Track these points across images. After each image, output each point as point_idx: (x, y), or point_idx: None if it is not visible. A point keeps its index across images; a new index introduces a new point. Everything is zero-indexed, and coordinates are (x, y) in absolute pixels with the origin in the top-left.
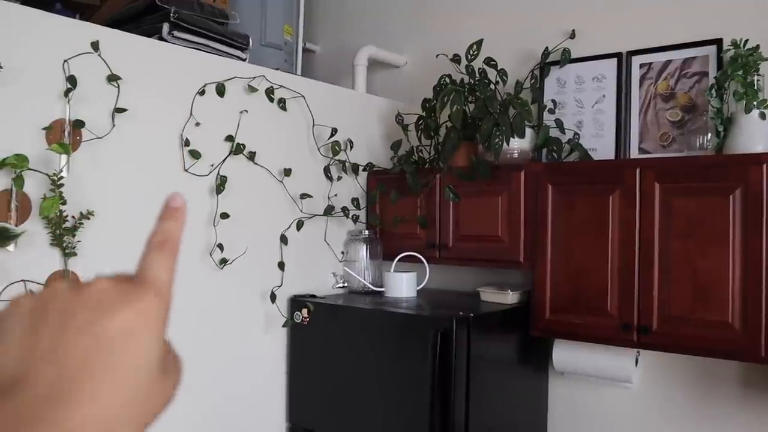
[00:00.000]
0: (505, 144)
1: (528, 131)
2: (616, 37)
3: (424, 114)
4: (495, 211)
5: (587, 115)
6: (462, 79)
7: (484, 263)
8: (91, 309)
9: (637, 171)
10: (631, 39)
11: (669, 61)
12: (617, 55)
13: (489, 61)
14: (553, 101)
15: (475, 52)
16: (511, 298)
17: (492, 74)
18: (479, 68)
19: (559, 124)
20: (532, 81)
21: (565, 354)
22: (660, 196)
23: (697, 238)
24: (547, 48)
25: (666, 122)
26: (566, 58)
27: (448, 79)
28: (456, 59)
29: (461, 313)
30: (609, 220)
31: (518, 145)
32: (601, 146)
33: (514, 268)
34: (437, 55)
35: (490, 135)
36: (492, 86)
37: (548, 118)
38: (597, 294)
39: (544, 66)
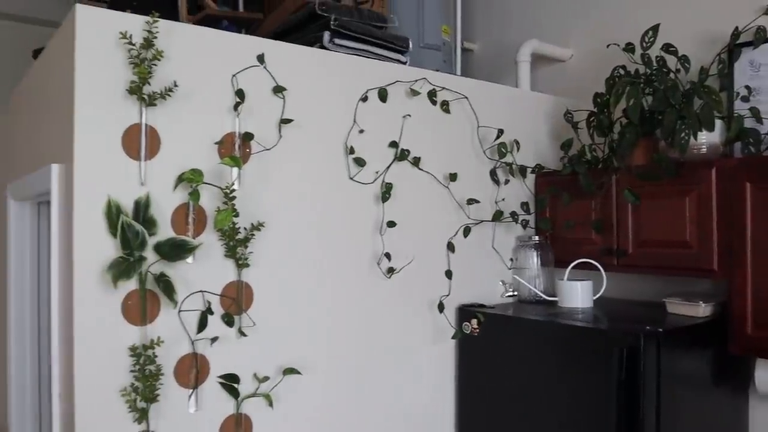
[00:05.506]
0: (692, 138)
1: (717, 123)
2: None
3: (596, 110)
4: (682, 213)
5: None
6: (637, 70)
7: (670, 271)
8: None
9: None
10: None
11: None
12: None
13: (668, 48)
14: (747, 87)
15: (651, 39)
16: (703, 310)
17: (672, 62)
18: (657, 56)
19: (755, 113)
20: (720, 66)
21: None
22: None
23: None
24: (736, 28)
25: None
26: (761, 38)
27: (622, 71)
28: (629, 48)
29: (648, 327)
30: None
31: (706, 139)
32: None
33: (705, 276)
34: (608, 45)
35: (674, 129)
36: (672, 75)
37: (741, 107)
38: None
39: (734, 48)
